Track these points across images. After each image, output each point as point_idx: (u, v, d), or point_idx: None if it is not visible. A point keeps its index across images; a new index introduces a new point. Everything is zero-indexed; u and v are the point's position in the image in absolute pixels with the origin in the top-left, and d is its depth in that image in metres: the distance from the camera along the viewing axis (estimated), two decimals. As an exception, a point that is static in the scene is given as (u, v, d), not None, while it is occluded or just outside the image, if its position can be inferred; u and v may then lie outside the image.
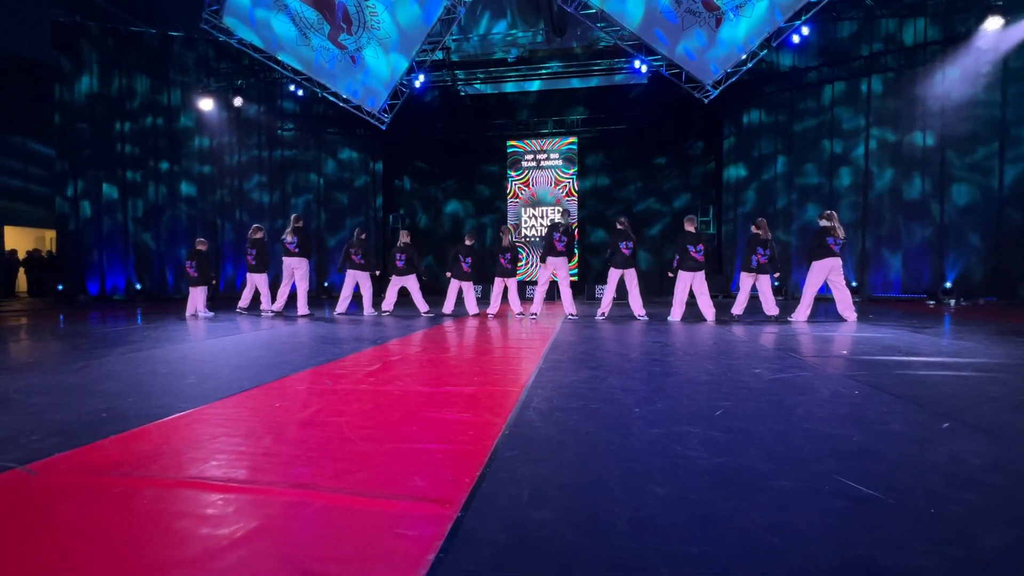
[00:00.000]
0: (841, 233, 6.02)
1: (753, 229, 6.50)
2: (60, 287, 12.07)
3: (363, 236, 7.68)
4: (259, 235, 7.55)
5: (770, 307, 6.49)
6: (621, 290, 6.76)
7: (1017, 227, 9.37)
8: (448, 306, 7.49)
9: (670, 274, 6.53)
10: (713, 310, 6.36)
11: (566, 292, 6.94)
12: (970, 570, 0.96)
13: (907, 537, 1.08)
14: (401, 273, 7.57)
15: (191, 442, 1.75)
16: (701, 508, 1.21)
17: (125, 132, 12.44)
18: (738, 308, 6.50)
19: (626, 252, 6.50)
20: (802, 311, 6.14)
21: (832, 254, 5.97)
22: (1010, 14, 8.98)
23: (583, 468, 1.49)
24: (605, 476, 1.42)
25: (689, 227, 6.41)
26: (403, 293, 7.93)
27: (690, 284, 6.36)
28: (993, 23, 9.10)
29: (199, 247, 7.65)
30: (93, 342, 4.49)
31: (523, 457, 1.57)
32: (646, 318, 6.51)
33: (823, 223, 6.11)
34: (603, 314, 6.79)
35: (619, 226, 6.58)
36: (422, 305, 7.52)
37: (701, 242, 6.30)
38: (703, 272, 6.33)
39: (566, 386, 2.59)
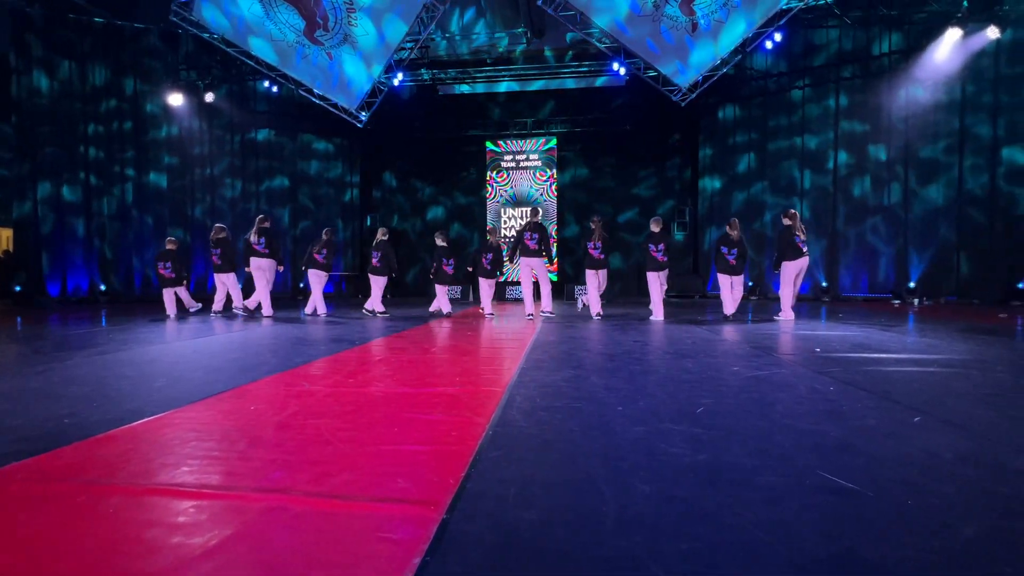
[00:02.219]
0: (803, 232, 6.21)
1: (727, 229, 6.63)
2: (18, 288, 11.50)
3: (328, 237, 7.51)
4: (223, 234, 7.37)
5: (728, 307, 6.53)
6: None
7: (975, 230, 9.81)
8: (441, 306, 7.45)
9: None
10: (662, 310, 6.50)
11: (546, 290, 6.96)
12: (950, 560, 0.98)
13: (889, 529, 1.09)
14: (377, 272, 7.46)
15: (161, 447, 1.68)
16: (688, 505, 1.21)
17: (88, 127, 11.95)
18: (728, 308, 6.52)
19: (593, 253, 6.57)
20: (786, 310, 6.28)
21: (802, 254, 6.14)
22: (968, 26, 9.38)
23: (569, 467, 1.48)
24: (591, 474, 1.41)
25: (654, 227, 6.54)
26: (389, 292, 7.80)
27: (659, 282, 6.52)
28: (952, 35, 9.49)
29: (168, 246, 7.43)
30: (54, 345, 4.29)
31: (508, 457, 1.55)
32: (598, 317, 6.58)
33: (786, 222, 6.29)
34: (599, 315, 6.71)
35: (592, 226, 6.67)
36: (377, 304, 7.39)
37: (663, 241, 6.43)
38: (666, 272, 6.56)
39: (548, 385, 2.58)
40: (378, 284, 7.46)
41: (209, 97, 12.16)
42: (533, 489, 1.31)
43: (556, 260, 13.70)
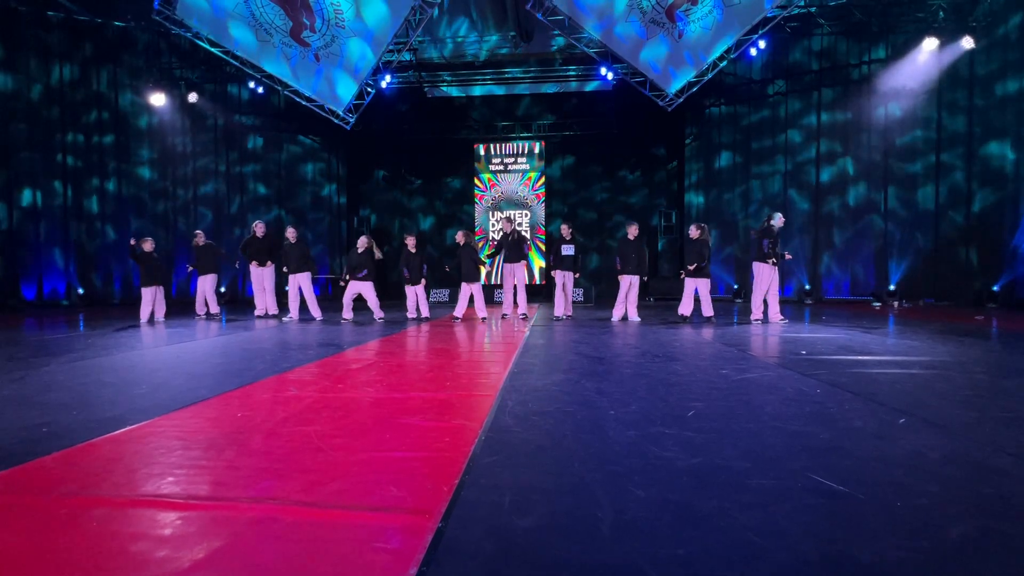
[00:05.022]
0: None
1: (694, 232, 6.72)
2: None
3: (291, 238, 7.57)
4: (203, 241, 7.69)
5: (684, 306, 6.72)
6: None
7: (951, 235, 10.07)
8: (413, 311, 7.44)
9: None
10: (628, 313, 6.84)
11: (522, 293, 7.25)
12: (939, 560, 0.99)
13: (879, 531, 1.11)
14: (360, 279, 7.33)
15: (145, 457, 1.63)
16: (683, 509, 1.21)
17: (67, 125, 11.65)
18: (707, 309, 6.62)
19: (564, 254, 7.14)
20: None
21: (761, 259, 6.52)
22: (944, 36, 9.65)
23: (563, 472, 1.48)
24: (586, 479, 1.40)
25: (630, 233, 6.93)
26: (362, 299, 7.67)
27: (627, 286, 6.83)
28: (929, 44, 9.75)
29: (144, 246, 7.33)
30: (31, 351, 4.17)
31: (502, 463, 1.54)
32: (562, 319, 7.04)
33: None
34: (564, 315, 7.25)
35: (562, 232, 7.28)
36: (347, 312, 7.27)
37: (632, 249, 6.83)
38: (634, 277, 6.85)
39: (540, 389, 2.57)
40: (357, 289, 7.31)
41: (192, 97, 11.98)
42: (529, 495, 1.30)
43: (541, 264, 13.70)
